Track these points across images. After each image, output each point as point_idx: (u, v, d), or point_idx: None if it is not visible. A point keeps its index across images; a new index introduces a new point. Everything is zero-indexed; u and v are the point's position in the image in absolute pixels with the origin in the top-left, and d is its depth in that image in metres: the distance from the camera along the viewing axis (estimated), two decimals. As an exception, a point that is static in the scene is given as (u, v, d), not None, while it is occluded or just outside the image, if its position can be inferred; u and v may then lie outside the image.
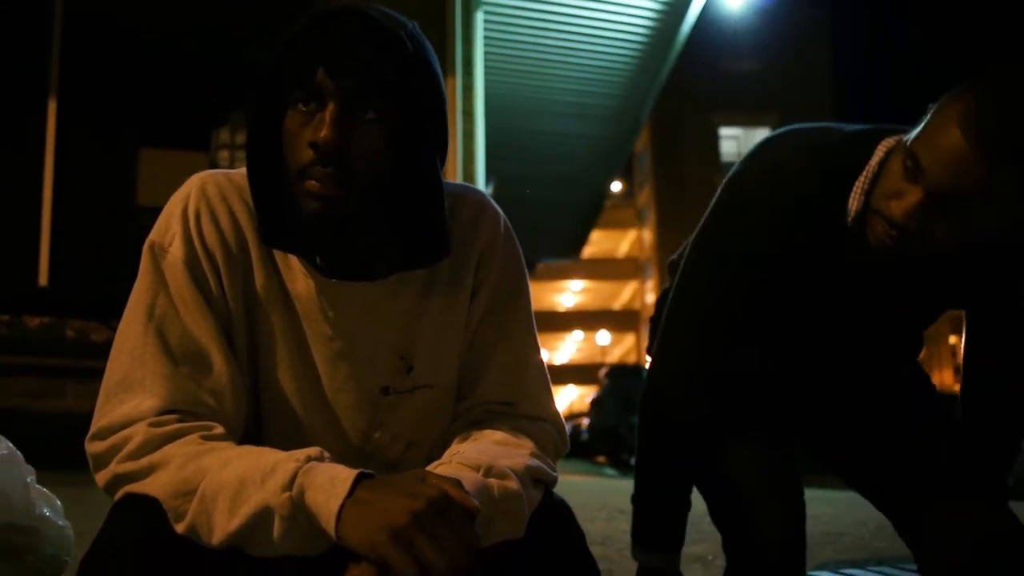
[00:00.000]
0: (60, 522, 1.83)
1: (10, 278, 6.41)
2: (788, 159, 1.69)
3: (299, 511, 1.06)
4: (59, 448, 1.34)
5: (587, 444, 18.63)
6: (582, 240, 16.67)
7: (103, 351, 1.27)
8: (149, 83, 6.88)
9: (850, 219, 1.63)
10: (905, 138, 1.54)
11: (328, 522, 1.03)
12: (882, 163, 1.60)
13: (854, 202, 1.62)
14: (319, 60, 1.19)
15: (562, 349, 49.04)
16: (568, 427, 1.43)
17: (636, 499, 1.93)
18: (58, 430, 1.26)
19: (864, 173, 1.62)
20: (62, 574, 1.82)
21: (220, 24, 6.81)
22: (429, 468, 1.19)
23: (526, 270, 1.47)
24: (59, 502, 1.87)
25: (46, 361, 6.01)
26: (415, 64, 1.24)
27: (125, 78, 6.82)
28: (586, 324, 45.13)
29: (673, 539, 1.90)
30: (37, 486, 1.81)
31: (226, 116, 6.91)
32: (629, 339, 45.69)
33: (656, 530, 1.91)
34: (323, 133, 1.18)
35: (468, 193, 1.44)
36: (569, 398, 45.59)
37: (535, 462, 1.28)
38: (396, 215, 1.29)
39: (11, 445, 1.76)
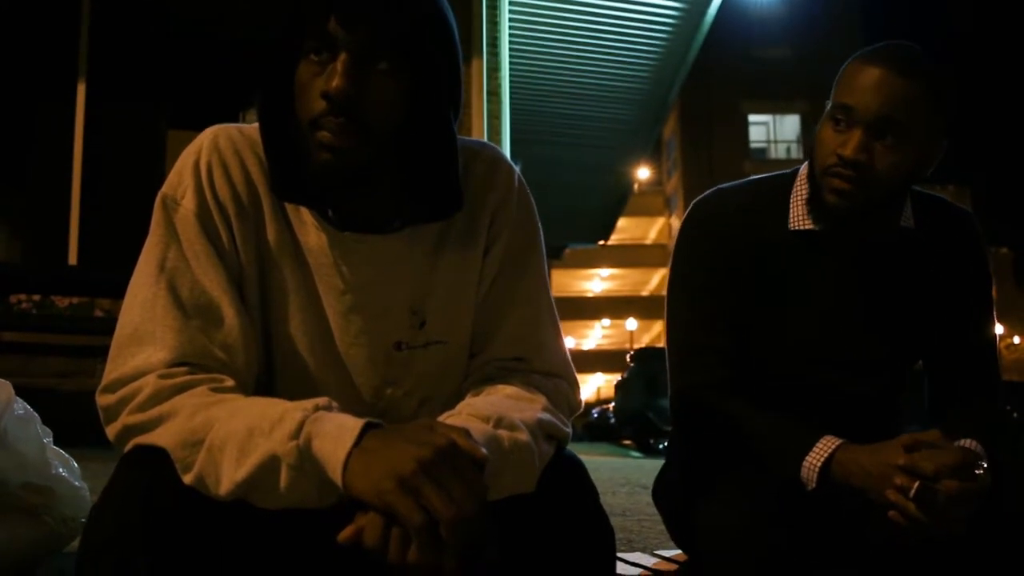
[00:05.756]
0: (76, 483, 1.83)
1: (40, 258, 6.46)
2: (725, 187, 1.89)
3: (306, 460, 1.05)
4: (89, 427, 1.33)
5: (614, 427, 18.51)
6: (610, 226, 16.59)
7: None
8: (176, 65, 6.92)
9: (792, 226, 1.78)
10: (826, 102, 1.72)
11: (335, 471, 1.02)
12: (809, 177, 1.77)
13: (794, 209, 1.79)
14: (331, 9, 1.18)
15: (590, 336, 48.93)
16: (595, 413, 1.40)
17: (768, 455, 1.69)
18: (88, 409, 1.25)
19: (795, 186, 1.81)
20: (78, 536, 1.81)
21: (247, 5, 6.82)
22: (439, 419, 1.18)
23: (540, 227, 1.45)
24: (75, 464, 1.87)
25: (75, 340, 6.04)
26: (430, 14, 1.23)
27: (153, 60, 6.86)
28: (614, 311, 44.89)
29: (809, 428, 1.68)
30: (54, 447, 1.82)
31: (253, 98, 6.93)
32: (657, 326, 45.44)
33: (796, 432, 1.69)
34: (335, 83, 1.17)
35: (483, 149, 1.42)
36: (597, 385, 45.47)
37: (547, 416, 1.27)
38: (408, 167, 1.28)
39: (27, 406, 1.76)
